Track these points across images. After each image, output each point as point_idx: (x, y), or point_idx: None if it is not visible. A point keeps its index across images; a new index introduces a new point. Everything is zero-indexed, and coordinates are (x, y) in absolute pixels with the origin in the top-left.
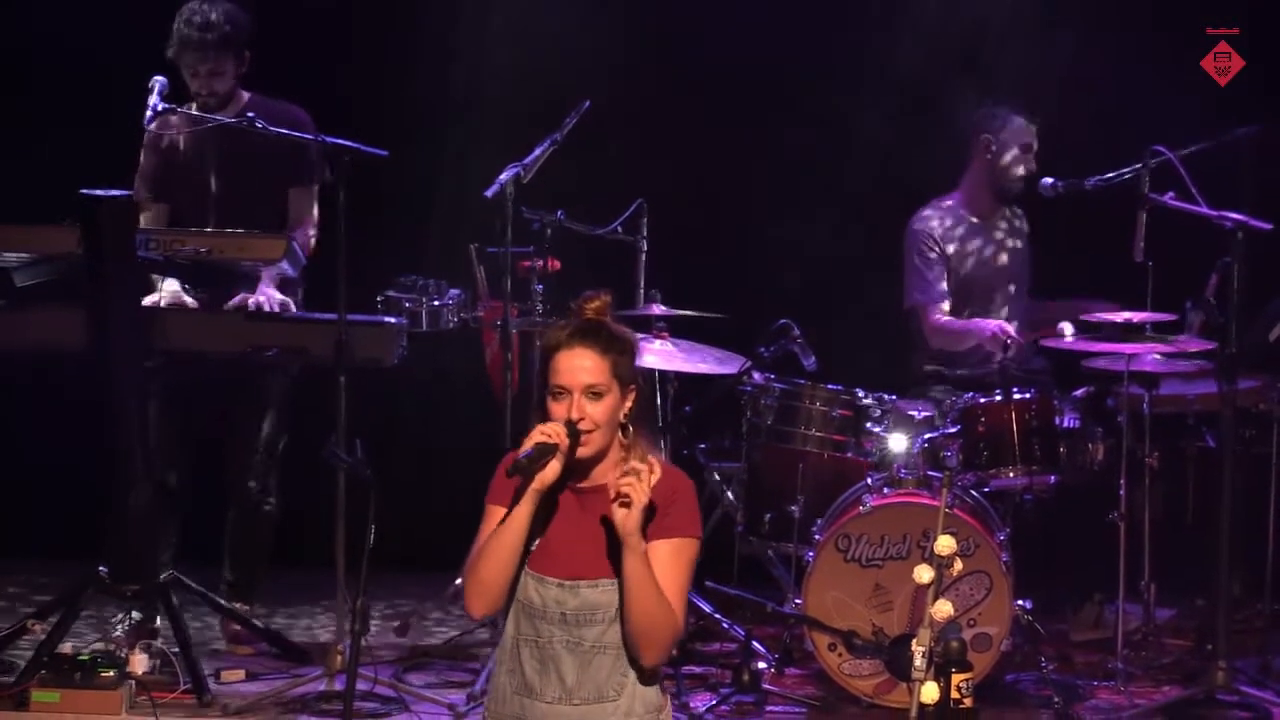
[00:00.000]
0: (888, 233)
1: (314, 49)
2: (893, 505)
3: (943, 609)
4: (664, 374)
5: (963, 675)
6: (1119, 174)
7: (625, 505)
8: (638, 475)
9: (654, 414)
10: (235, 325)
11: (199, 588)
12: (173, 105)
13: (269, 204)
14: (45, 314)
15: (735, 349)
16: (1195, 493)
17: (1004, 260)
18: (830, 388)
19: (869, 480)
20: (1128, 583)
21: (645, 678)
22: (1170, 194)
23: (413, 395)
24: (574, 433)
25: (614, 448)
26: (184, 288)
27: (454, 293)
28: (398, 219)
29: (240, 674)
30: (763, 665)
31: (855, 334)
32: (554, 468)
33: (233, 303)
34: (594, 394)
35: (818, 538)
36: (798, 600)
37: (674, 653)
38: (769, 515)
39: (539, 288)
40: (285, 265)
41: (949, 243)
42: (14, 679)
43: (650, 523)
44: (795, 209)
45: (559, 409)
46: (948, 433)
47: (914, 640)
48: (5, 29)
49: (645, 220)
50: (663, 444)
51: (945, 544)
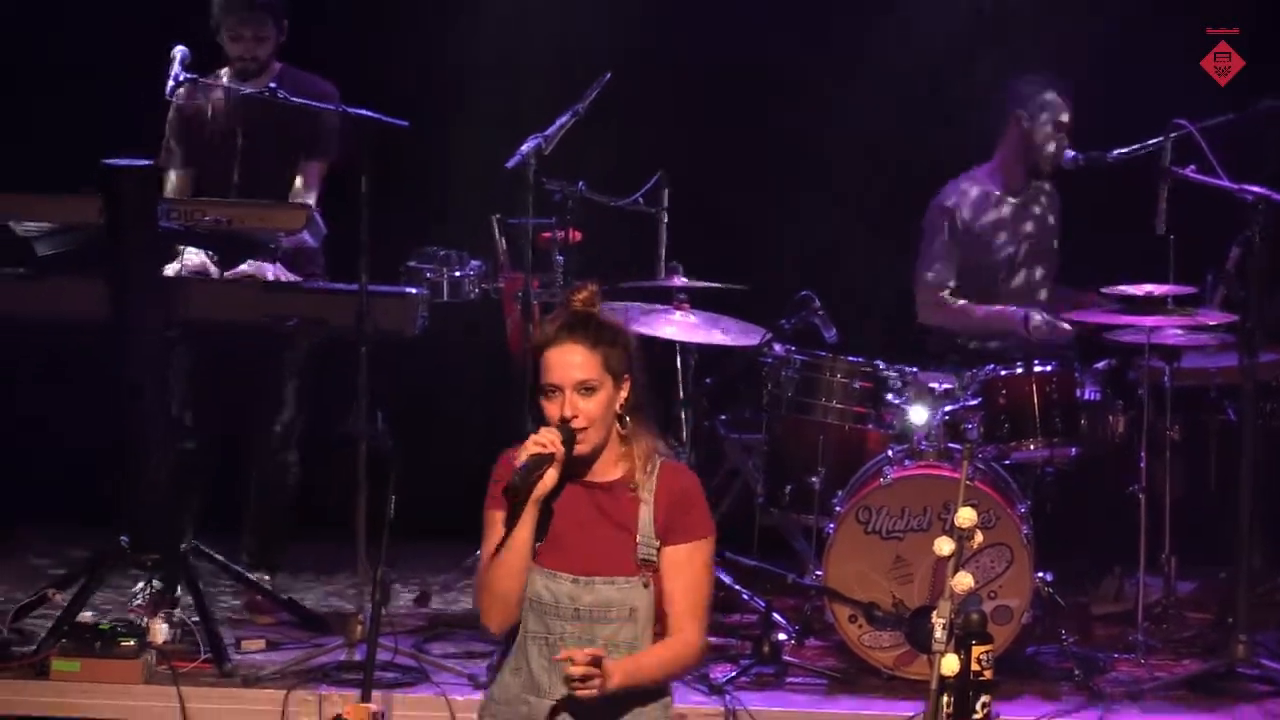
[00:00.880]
0: (910, 204)
1: (338, 20)
2: (913, 477)
3: (963, 581)
4: (685, 345)
5: (983, 647)
6: (1141, 147)
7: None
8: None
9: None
10: (256, 296)
11: (219, 557)
12: (194, 75)
13: (290, 175)
14: (66, 284)
15: (756, 321)
16: (1216, 466)
17: (1031, 237)
18: (851, 360)
19: (890, 452)
20: (1148, 556)
21: None
22: (1192, 167)
23: (434, 366)
24: (568, 432)
25: (613, 441)
26: (208, 255)
27: (475, 264)
28: (419, 190)
29: (260, 643)
30: (783, 637)
31: (877, 306)
32: (551, 476)
33: (231, 273)
34: (586, 389)
35: (838, 509)
36: (818, 572)
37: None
38: (789, 487)
39: (560, 259)
40: (306, 235)
41: (975, 219)
42: (34, 648)
43: (664, 526)
44: (817, 180)
45: (552, 408)
46: (969, 405)
47: (934, 612)
48: None
49: (666, 191)
50: (684, 416)
51: (966, 516)
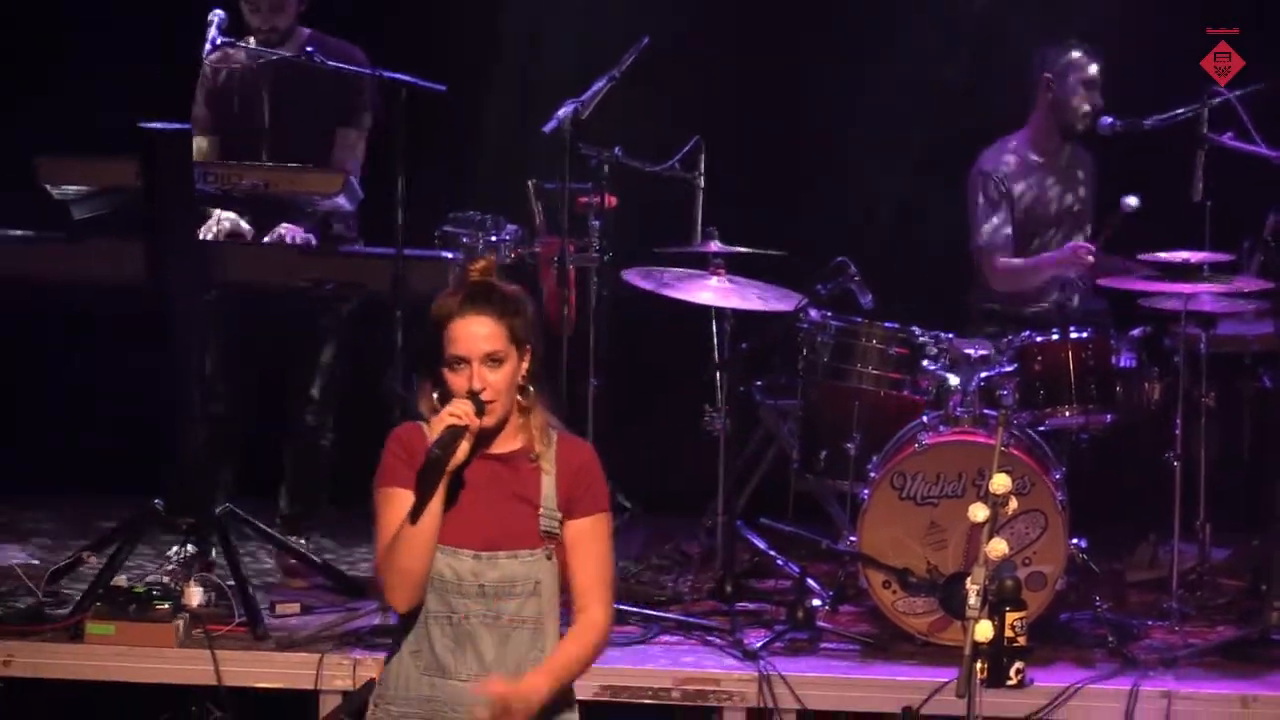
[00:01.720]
0: (945, 169)
1: None
2: (948, 443)
3: (998, 547)
4: (720, 311)
5: (1017, 614)
6: (1178, 113)
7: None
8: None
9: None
10: (292, 259)
11: (254, 521)
12: (231, 39)
13: (321, 141)
14: (103, 247)
15: (792, 286)
16: (1251, 433)
17: (1069, 200)
18: (887, 326)
19: (925, 418)
20: (1183, 522)
21: None
22: (1229, 134)
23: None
24: (478, 404)
25: (514, 411)
26: (244, 220)
27: (511, 228)
28: (456, 154)
29: (295, 607)
30: (817, 602)
31: (913, 272)
32: (464, 448)
33: (266, 239)
34: (494, 361)
35: (873, 475)
36: (852, 538)
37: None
38: (824, 452)
39: (596, 224)
40: (342, 200)
41: (1014, 183)
42: (69, 611)
43: (566, 499)
44: (853, 146)
45: (458, 380)
46: (1004, 371)
47: (968, 578)
48: None
49: (702, 157)
50: (719, 381)
51: (1000, 482)
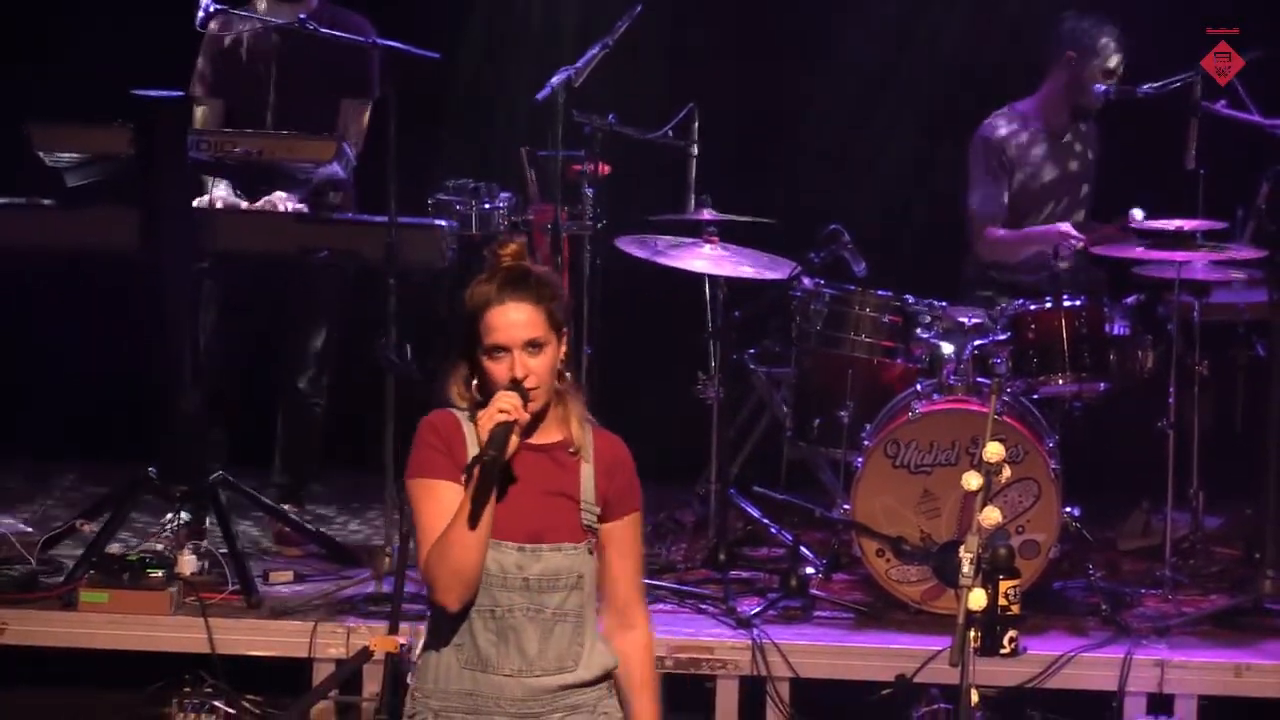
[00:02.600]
0: (941, 136)
1: None
2: (942, 411)
3: (991, 516)
4: (713, 279)
5: (1010, 582)
6: (1171, 81)
7: None
8: None
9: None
10: (286, 227)
11: (248, 489)
12: (225, 6)
13: (324, 110)
14: (97, 215)
15: (785, 254)
16: (1244, 401)
17: (1069, 175)
18: (880, 294)
19: (918, 386)
20: (1176, 491)
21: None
22: (1222, 102)
23: (463, 298)
24: (521, 393)
25: (551, 399)
26: (235, 192)
27: (505, 196)
28: (449, 122)
29: (288, 575)
30: (810, 571)
31: (906, 239)
32: (515, 442)
33: (256, 205)
34: (534, 347)
35: (866, 443)
36: (846, 506)
37: None
38: (818, 421)
39: (590, 191)
40: (336, 167)
41: (1016, 152)
42: (63, 579)
43: (604, 496)
44: (846, 113)
45: (499, 369)
46: (998, 339)
47: (962, 547)
48: None
49: (696, 124)
50: (712, 349)
51: (994, 451)
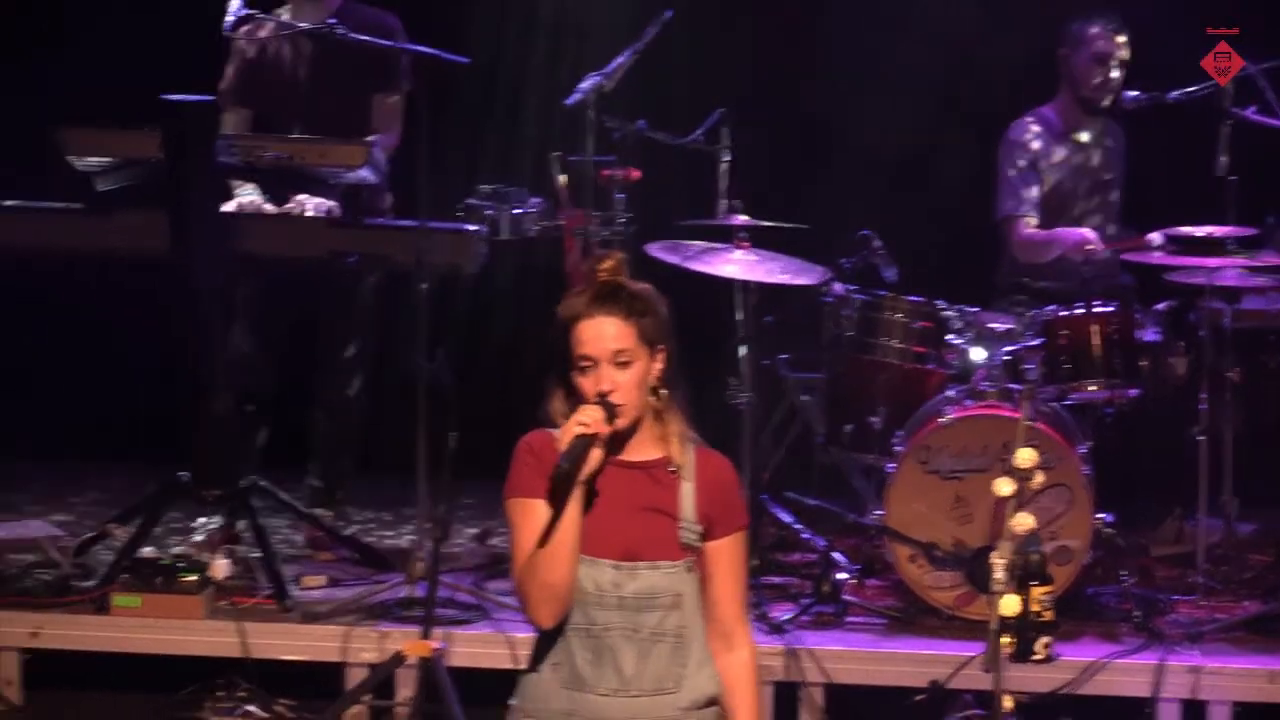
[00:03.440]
0: (973, 143)
1: None
2: (973, 417)
3: (1023, 522)
4: (745, 284)
5: (1043, 588)
6: (1201, 87)
7: None
8: None
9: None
10: (317, 231)
11: (281, 494)
12: (254, 11)
13: (357, 111)
14: (126, 219)
15: (816, 260)
16: (1277, 407)
17: (1092, 175)
18: (911, 299)
19: (950, 392)
20: (1209, 497)
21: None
22: (1252, 108)
23: (494, 302)
24: (607, 407)
25: (649, 417)
26: (264, 196)
27: (535, 201)
28: (480, 127)
29: (321, 580)
30: (843, 576)
31: (938, 245)
32: (597, 455)
33: (284, 209)
34: (622, 362)
35: (898, 449)
36: (878, 512)
37: None
38: (849, 426)
39: (620, 197)
40: (366, 172)
41: (1042, 153)
42: (95, 583)
43: (706, 515)
44: (877, 118)
45: (587, 383)
46: (1029, 345)
47: (994, 553)
48: None
49: (726, 130)
50: (743, 355)
51: (1026, 457)
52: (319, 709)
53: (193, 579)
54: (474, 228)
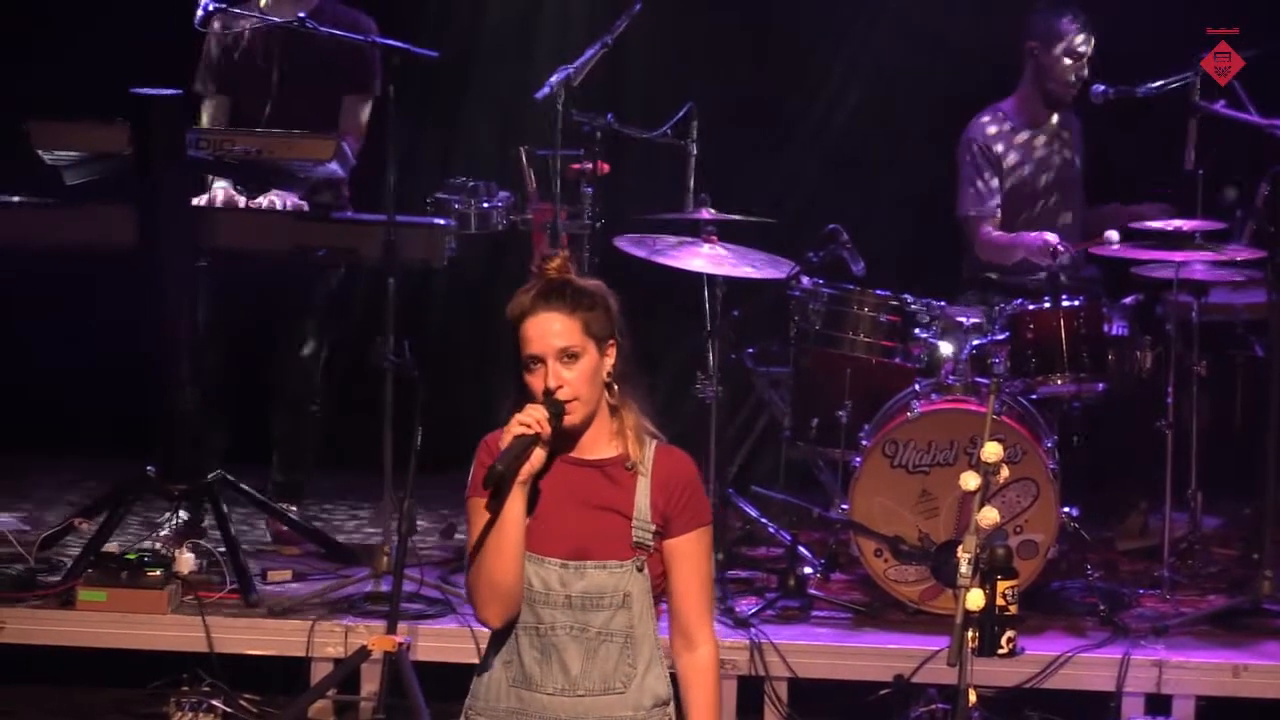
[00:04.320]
0: (940, 137)
1: None
2: (940, 411)
3: (989, 516)
4: (712, 278)
5: (1008, 582)
6: (1170, 81)
7: None
8: None
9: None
10: (284, 226)
11: (246, 488)
12: (224, 4)
13: (325, 108)
14: (95, 212)
15: (784, 254)
16: (1243, 401)
17: (1055, 169)
18: (878, 293)
19: (917, 386)
20: (1174, 491)
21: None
22: (1221, 102)
23: (461, 297)
24: (555, 405)
25: (603, 414)
26: (236, 189)
27: (504, 195)
28: (448, 121)
29: (287, 574)
30: (808, 570)
31: (905, 239)
32: (539, 455)
33: (255, 203)
34: (569, 357)
35: (865, 443)
36: (844, 506)
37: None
38: (816, 420)
39: (589, 190)
40: (334, 166)
41: (1002, 151)
42: (60, 577)
43: (664, 513)
44: (845, 112)
45: (535, 380)
46: (996, 339)
47: (960, 547)
48: None
49: (695, 123)
50: (710, 349)
51: (992, 450)
52: (283, 704)
53: (158, 573)
54: (442, 222)
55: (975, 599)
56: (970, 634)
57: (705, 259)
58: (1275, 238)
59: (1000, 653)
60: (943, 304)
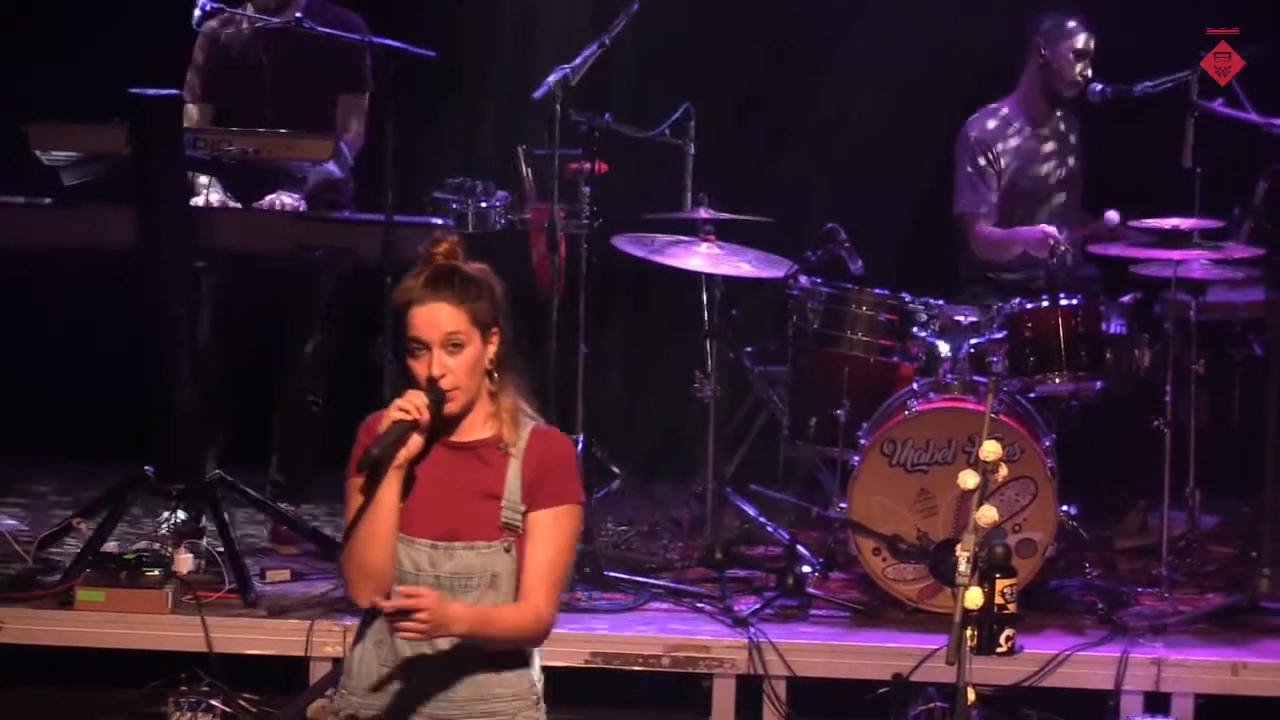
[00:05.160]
0: (939, 137)
1: None
2: (938, 410)
3: (987, 514)
4: (710, 277)
5: (1007, 581)
6: (1168, 79)
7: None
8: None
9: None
10: (283, 226)
11: (245, 488)
12: (222, 5)
13: (321, 107)
14: (93, 213)
15: (782, 253)
16: (1241, 400)
17: (1055, 167)
18: (877, 292)
19: (915, 385)
20: (1172, 489)
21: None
22: (1219, 100)
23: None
24: (437, 392)
25: (482, 398)
26: (226, 195)
27: (501, 194)
28: (446, 121)
29: (285, 574)
30: (807, 569)
31: (903, 238)
32: (416, 441)
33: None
34: (454, 345)
35: (863, 442)
36: (842, 505)
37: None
38: (814, 419)
39: (586, 190)
40: (332, 166)
41: (1001, 149)
42: (59, 577)
43: (529, 490)
44: (843, 111)
45: (419, 366)
46: (994, 338)
47: (958, 545)
48: None
49: (693, 123)
50: (709, 348)
51: (990, 449)
52: (282, 703)
53: (156, 573)
54: (440, 221)
55: (974, 597)
56: (969, 632)
57: (703, 258)
58: (1273, 236)
59: (999, 651)
60: (941, 303)
